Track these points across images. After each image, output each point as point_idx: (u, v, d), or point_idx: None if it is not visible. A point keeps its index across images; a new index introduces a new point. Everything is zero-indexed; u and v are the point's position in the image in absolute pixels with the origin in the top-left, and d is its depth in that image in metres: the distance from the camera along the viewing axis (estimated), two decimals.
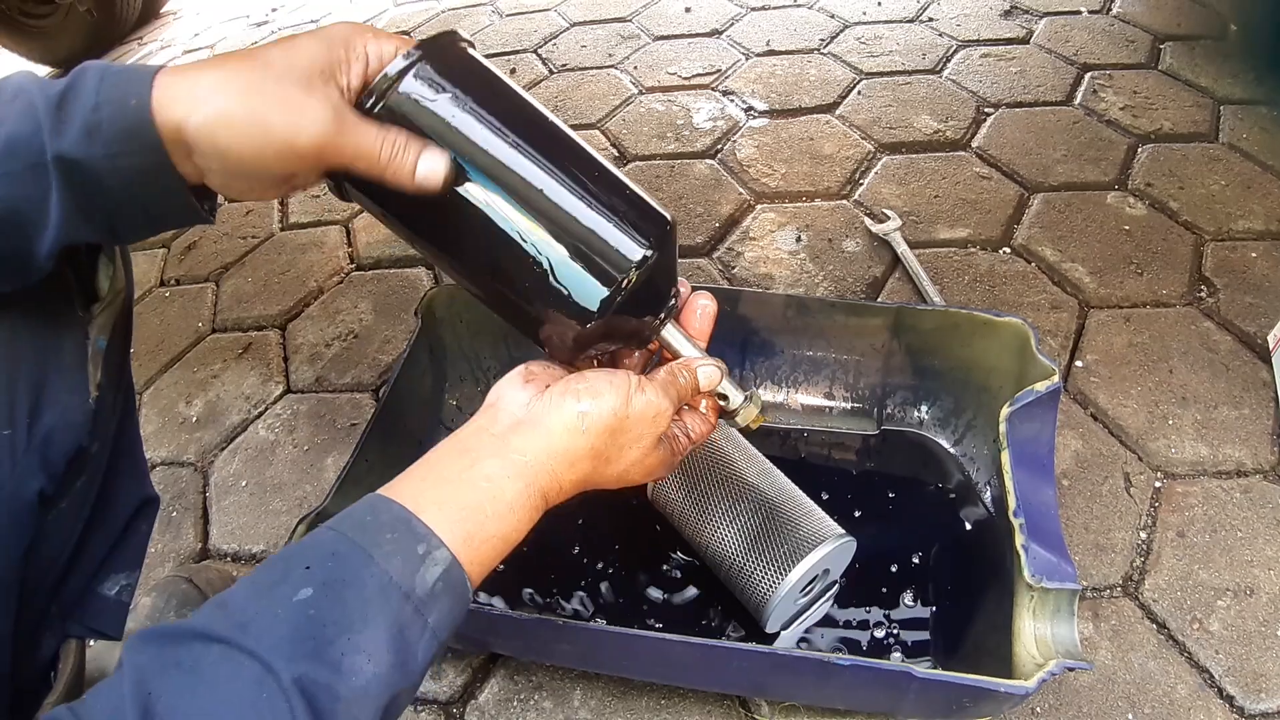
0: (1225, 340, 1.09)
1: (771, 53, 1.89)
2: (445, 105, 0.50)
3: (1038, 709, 0.78)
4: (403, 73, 0.50)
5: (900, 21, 1.93)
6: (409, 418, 0.97)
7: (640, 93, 1.82)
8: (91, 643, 0.90)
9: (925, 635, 0.80)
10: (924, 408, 0.98)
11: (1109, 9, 1.86)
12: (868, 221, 1.35)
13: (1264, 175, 1.35)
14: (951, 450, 0.96)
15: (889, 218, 1.34)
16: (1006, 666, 0.68)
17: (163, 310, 1.49)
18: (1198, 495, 0.93)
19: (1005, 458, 0.74)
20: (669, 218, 0.55)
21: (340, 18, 2.55)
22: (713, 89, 1.79)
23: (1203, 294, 1.16)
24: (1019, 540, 0.67)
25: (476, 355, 1.06)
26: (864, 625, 0.82)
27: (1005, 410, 0.76)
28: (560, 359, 0.59)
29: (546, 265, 0.52)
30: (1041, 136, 1.50)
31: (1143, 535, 0.90)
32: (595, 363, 0.62)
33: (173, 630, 0.40)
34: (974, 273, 1.24)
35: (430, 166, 0.50)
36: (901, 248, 1.28)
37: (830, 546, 0.75)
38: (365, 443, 0.87)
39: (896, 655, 0.79)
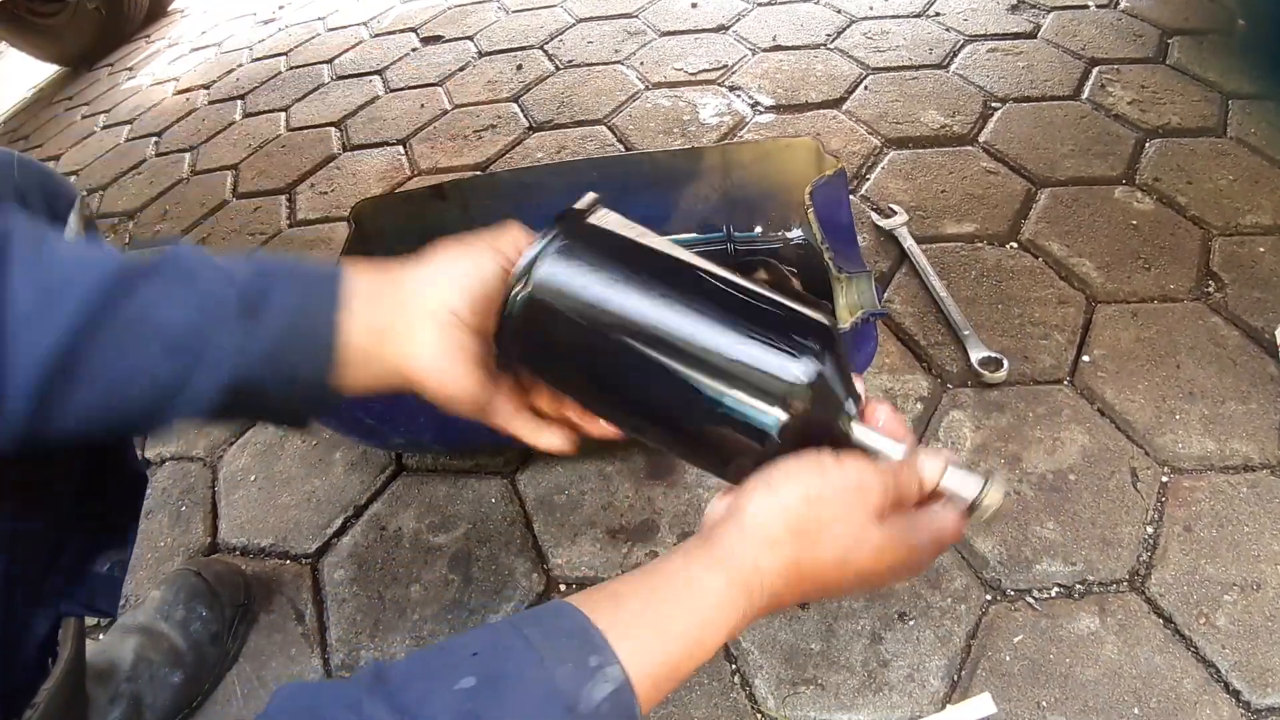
0: (1233, 335, 1.09)
1: (778, 48, 1.88)
2: (579, 298, 0.50)
3: (1043, 703, 0.78)
4: (528, 270, 0.50)
5: (907, 16, 1.92)
6: None
7: (646, 88, 1.82)
8: (100, 636, 0.91)
9: None
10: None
11: (1117, 3, 1.86)
12: (874, 216, 1.35)
13: (1272, 170, 1.34)
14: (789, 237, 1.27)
15: (896, 213, 1.34)
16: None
17: None
18: (1205, 490, 0.93)
19: (811, 215, 1.01)
20: (827, 323, 0.53)
21: (346, 16, 2.56)
22: (719, 84, 1.79)
23: (1210, 289, 1.16)
24: (827, 257, 0.96)
25: (401, 259, 1.24)
26: None
27: (807, 189, 1.02)
28: None
29: (717, 407, 0.50)
30: (1049, 131, 1.49)
31: (1149, 530, 0.90)
32: None
33: (332, 694, 0.39)
34: (981, 268, 1.24)
35: (551, 443, 0.57)
36: (908, 243, 1.28)
37: None
38: None
39: None
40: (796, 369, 0.50)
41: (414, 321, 0.50)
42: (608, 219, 0.55)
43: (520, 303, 0.50)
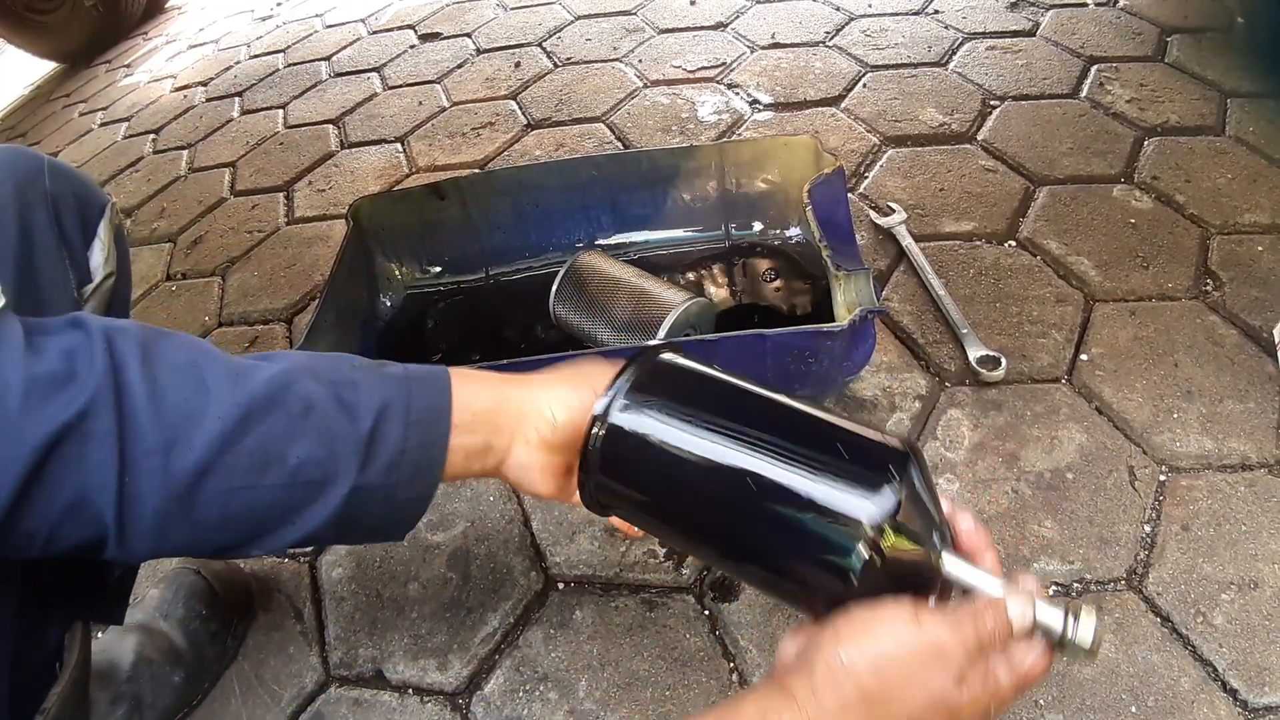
0: (1231, 334, 1.09)
1: (776, 45, 1.88)
2: (650, 433, 0.53)
3: (1041, 701, 0.78)
4: (604, 416, 0.54)
5: (905, 14, 1.92)
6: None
7: (645, 86, 1.82)
8: (99, 634, 0.91)
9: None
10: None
11: (1115, 1, 1.86)
12: (873, 215, 1.35)
13: (1270, 169, 1.34)
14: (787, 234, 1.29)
15: (894, 211, 1.33)
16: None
17: (170, 304, 1.50)
18: (1202, 489, 0.93)
19: (810, 213, 1.05)
20: (903, 449, 0.50)
21: (344, 12, 2.56)
22: (717, 82, 1.78)
23: (1208, 288, 1.16)
24: (826, 254, 0.99)
25: (399, 256, 1.33)
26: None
27: (805, 187, 1.08)
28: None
29: (793, 547, 0.50)
30: (1047, 129, 1.49)
31: (1147, 529, 0.90)
32: None
33: None
34: (979, 266, 1.24)
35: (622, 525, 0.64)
36: (906, 241, 1.28)
37: (682, 307, 1.05)
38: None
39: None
40: (874, 505, 0.47)
41: (509, 444, 0.59)
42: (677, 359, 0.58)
43: (597, 445, 0.54)
